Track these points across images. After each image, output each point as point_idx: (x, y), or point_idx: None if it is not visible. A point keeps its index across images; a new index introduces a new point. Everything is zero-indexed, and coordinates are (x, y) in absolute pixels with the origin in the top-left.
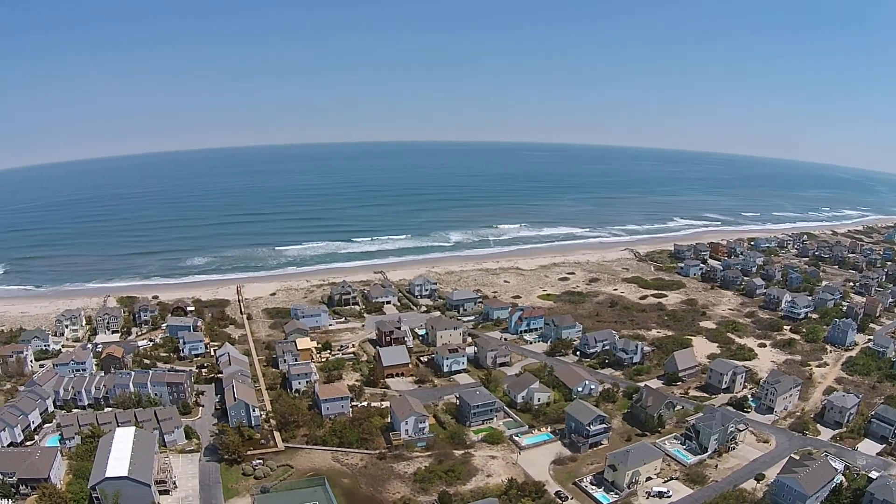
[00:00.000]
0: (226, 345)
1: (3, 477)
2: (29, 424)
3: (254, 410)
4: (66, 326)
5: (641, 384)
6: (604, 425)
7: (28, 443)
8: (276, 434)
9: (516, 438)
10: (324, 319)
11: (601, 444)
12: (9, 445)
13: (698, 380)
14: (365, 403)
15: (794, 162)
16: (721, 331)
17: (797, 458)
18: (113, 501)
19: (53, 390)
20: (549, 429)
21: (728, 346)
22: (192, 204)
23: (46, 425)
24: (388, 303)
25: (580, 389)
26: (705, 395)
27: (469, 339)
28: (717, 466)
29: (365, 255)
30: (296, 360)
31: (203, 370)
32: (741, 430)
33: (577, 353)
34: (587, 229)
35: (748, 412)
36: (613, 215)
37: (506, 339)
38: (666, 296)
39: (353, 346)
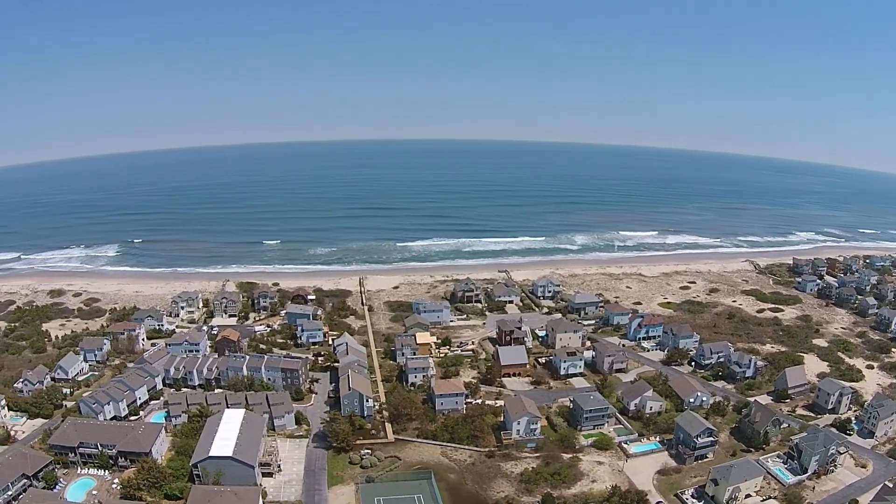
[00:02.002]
0: (345, 335)
1: (102, 448)
2: (135, 400)
3: (367, 401)
4: (182, 308)
5: (751, 399)
6: (711, 438)
7: (132, 418)
8: (388, 426)
9: (625, 446)
10: (445, 315)
11: (706, 458)
12: (112, 419)
13: (806, 398)
14: (479, 401)
15: None
16: (832, 349)
17: (891, 485)
18: (214, 480)
19: (164, 369)
20: (657, 438)
21: (837, 366)
22: (315, 195)
23: (153, 402)
24: (511, 302)
25: (692, 400)
26: (811, 414)
27: (588, 343)
28: (814, 488)
29: (490, 254)
30: (414, 354)
31: (320, 358)
32: (842, 453)
33: (693, 363)
34: (710, 238)
35: (850, 435)
36: (736, 226)
37: (624, 345)
38: (782, 310)
39: (473, 343)
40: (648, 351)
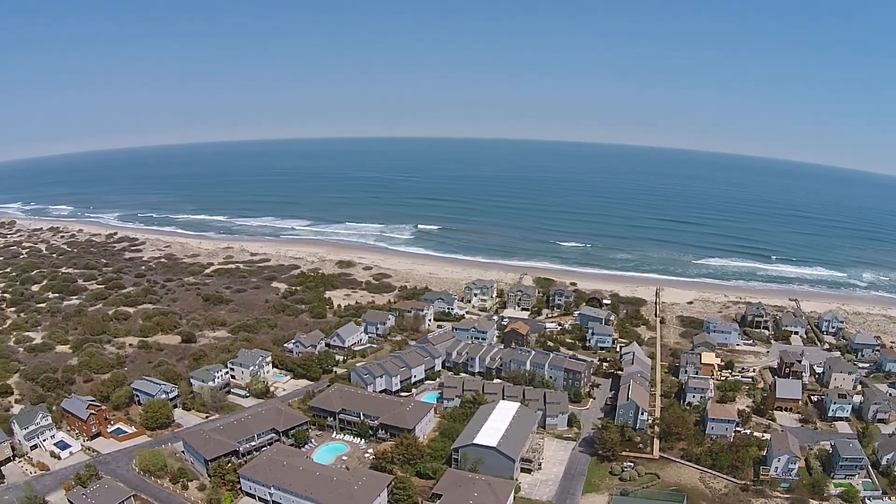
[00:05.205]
0: (633, 344)
1: (365, 418)
2: (410, 377)
3: (642, 414)
4: (475, 294)
5: None
6: None
7: (403, 394)
8: (656, 442)
9: (868, 502)
10: (733, 338)
11: None
12: (382, 391)
13: None
14: (748, 431)
15: None
16: None
17: None
18: (471, 467)
19: (446, 352)
20: None
21: None
22: (617, 199)
23: (428, 382)
24: (796, 333)
25: None
26: None
27: (858, 387)
28: None
29: (782, 280)
30: (696, 373)
31: (605, 364)
32: None
33: None
34: None
35: None
36: None
37: (891, 395)
38: None
39: (754, 370)
40: None
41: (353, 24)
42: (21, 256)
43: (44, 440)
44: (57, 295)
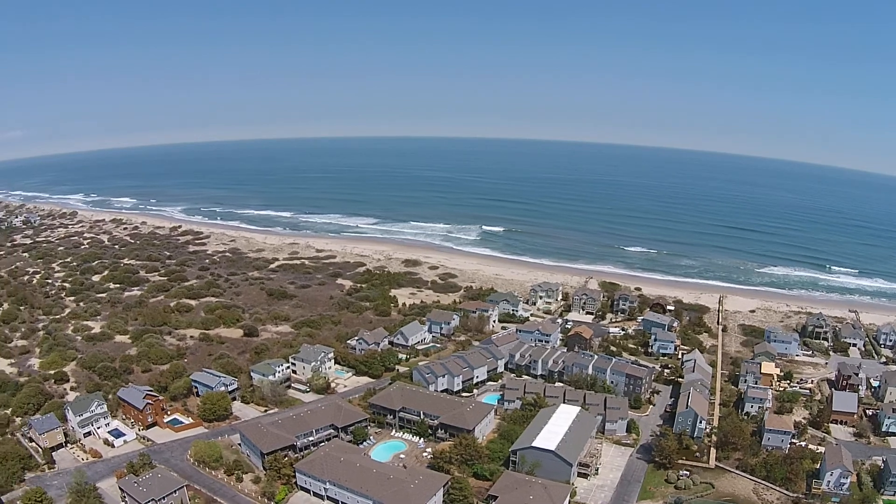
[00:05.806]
0: (695, 351)
1: (424, 417)
2: (472, 378)
3: (700, 422)
4: (540, 297)
5: None
6: None
7: (465, 394)
8: (713, 451)
9: None
10: (793, 348)
11: None
12: (443, 391)
13: None
14: (804, 443)
15: None
16: None
17: None
18: (528, 470)
19: (509, 353)
20: None
21: None
22: (683, 204)
23: (490, 383)
24: (854, 345)
25: None
26: None
27: None
28: None
29: (842, 290)
30: (756, 383)
31: (666, 370)
32: None
33: None
34: None
35: None
36: None
37: None
38: None
39: (812, 382)
40: None
41: (433, 23)
42: (82, 247)
43: (98, 428)
44: (118, 285)
